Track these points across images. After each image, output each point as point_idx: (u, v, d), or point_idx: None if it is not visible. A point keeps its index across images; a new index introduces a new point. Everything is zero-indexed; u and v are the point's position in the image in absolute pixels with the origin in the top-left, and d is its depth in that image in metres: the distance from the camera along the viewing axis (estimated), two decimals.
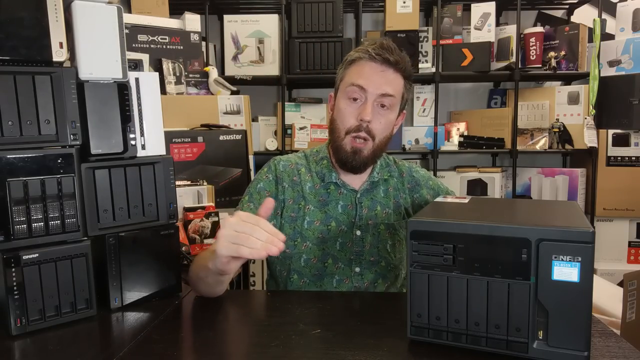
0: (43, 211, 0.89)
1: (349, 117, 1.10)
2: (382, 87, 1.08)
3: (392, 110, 1.11)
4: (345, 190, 1.16)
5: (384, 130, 1.12)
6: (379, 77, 1.08)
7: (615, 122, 2.63)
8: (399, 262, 1.18)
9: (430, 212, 0.85)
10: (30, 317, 0.88)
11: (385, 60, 1.08)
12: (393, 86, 1.10)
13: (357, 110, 1.09)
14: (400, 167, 1.25)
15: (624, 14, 2.62)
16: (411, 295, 0.78)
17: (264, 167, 1.20)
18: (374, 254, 1.13)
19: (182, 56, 2.43)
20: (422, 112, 2.99)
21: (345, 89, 1.11)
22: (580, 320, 0.68)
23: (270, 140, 2.83)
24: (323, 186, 1.16)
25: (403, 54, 1.13)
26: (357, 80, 1.09)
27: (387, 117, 1.11)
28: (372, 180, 1.17)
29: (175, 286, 1.07)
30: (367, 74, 1.09)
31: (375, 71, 1.09)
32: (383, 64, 1.09)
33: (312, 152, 1.24)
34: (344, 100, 1.11)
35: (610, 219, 2.70)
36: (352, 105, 1.10)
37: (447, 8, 2.79)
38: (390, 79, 1.09)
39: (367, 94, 1.08)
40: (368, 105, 1.08)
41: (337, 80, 1.18)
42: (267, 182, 1.16)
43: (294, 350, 0.80)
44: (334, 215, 1.14)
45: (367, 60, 1.09)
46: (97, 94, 0.94)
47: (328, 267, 1.12)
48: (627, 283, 1.40)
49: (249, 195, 1.16)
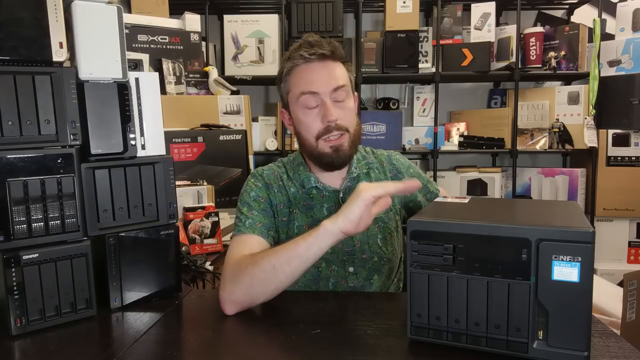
0: (43, 211, 0.89)
1: (313, 125, 1.08)
2: (331, 82, 1.06)
3: (349, 99, 1.10)
4: (327, 192, 1.14)
5: (352, 119, 1.10)
6: (324, 74, 1.06)
7: (615, 122, 2.63)
8: (392, 254, 1.17)
9: (430, 212, 0.85)
10: (30, 317, 0.88)
11: (321, 56, 1.06)
12: (339, 76, 1.08)
13: (318, 115, 1.07)
14: (379, 156, 1.23)
15: (624, 14, 2.62)
16: (411, 295, 0.78)
17: (249, 179, 1.17)
18: (365, 250, 1.13)
19: (182, 56, 2.43)
20: (422, 112, 2.99)
21: (297, 101, 1.08)
22: (580, 320, 0.68)
23: (270, 140, 2.83)
24: (305, 192, 1.15)
25: (332, 41, 1.09)
26: (306, 87, 1.06)
27: (347, 106, 1.09)
28: (352, 177, 1.16)
29: (175, 286, 1.07)
30: (311, 76, 1.06)
31: (317, 70, 1.06)
32: (320, 60, 1.06)
33: (288, 160, 1.22)
34: (300, 112, 1.09)
35: (610, 219, 2.70)
36: (312, 112, 1.07)
37: (447, 8, 2.79)
38: (333, 70, 1.07)
39: (321, 95, 1.06)
40: (327, 105, 1.05)
41: (282, 96, 1.15)
42: (258, 189, 1.14)
43: (294, 350, 0.80)
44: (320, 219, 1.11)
45: (304, 64, 1.07)
46: (97, 94, 0.94)
47: (322, 271, 1.12)
48: (627, 283, 1.40)
49: (246, 206, 1.12)
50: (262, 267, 0.93)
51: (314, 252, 0.90)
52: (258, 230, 1.07)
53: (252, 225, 1.08)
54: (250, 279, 0.93)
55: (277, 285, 0.93)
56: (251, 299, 0.94)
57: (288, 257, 0.91)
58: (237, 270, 0.95)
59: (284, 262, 0.91)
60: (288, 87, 1.11)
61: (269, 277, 0.92)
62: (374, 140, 2.80)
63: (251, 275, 0.93)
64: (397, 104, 2.96)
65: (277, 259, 0.92)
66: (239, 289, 0.94)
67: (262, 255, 0.95)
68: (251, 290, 0.93)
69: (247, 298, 0.94)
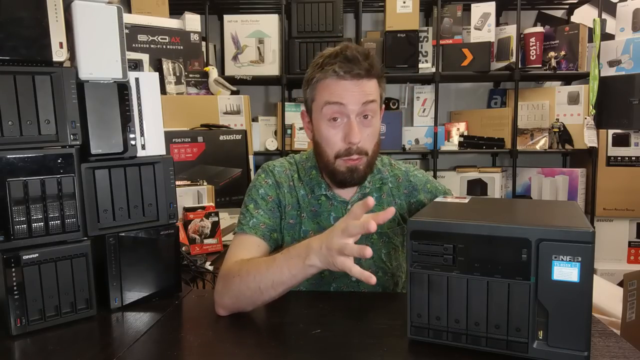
0: (43, 211, 0.89)
1: (334, 142, 1.03)
2: (360, 98, 1.01)
3: (376, 116, 1.06)
4: (336, 202, 1.12)
5: (373, 140, 1.07)
6: (355, 92, 1.01)
7: (615, 122, 2.63)
8: (397, 269, 1.15)
9: (430, 212, 0.85)
10: (30, 317, 0.88)
11: (357, 75, 1.00)
12: (370, 93, 1.03)
13: (341, 132, 1.02)
14: (396, 170, 1.20)
15: (624, 14, 2.62)
16: (411, 295, 0.78)
17: (260, 173, 1.15)
18: (370, 265, 1.11)
19: (182, 56, 2.43)
20: (422, 112, 2.99)
21: (321, 110, 1.03)
22: (580, 320, 0.68)
23: (270, 140, 2.83)
24: (314, 197, 1.13)
25: (370, 55, 1.03)
26: (333, 98, 1.01)
27: (373, 125, 1.05)
28: (364, 191, 1.13)
29: (175, 286, 1.07)
30: (341, 92, 1.01)
31: (349, 88, 1.01)
32: (353, 79, 1.00)
33: (301, 158, 1.19)
34: (324, 123, 1.04)
35: (610, 219, 2.70)
36: (336, 127, 1.03)
37: (447, 8, 2.79)
38: (366, 88, 1.02)
39: (348, 110, 1.01)
40: (353, 124, 1.01)
41: (307, 100, 1.09)
42: (267, 187, 1.12)
43: (294, 350, 0.80)
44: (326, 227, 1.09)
45: (337, 79, 1.01)
46: (97, 94, 0.94)
47: (325, 277, 1.11)
48: (627, 283, 1.40)
49: (253, 203, 1.10)
50: (248, 284, 0.91)
51: (298, 281, 0.89)
52: (260, 232, 1.06)
53: (256, 225, 1.06)
54: (237, 292, 0.93)
55: (264, 301, 0.93)
56: (239, 308, 0.94)
57: (273, 282, 0.89)
58: (227, 278, 0.95)
59: (269, 286, 0.90)
60: (314, 95, 1.06)
61: (255, 296, 0.91)
62: None
63: (238, 289, 0.92)
64: (397, 104, 2.96)
65: (263, 280, 0.90)
66: (227, 297, 0.94)
67: (248, 270, 0.93)
68: (238, 301, 0.93)
69: (235, 306, 0.94)
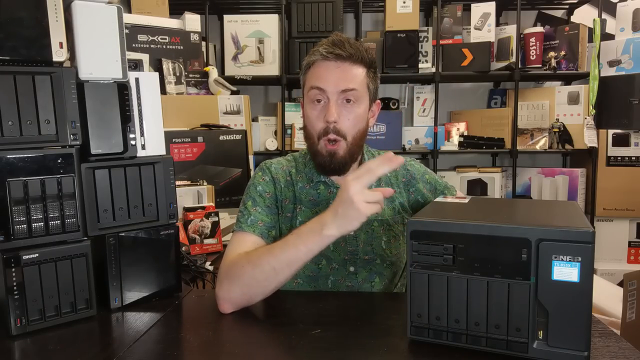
0: (43, 211, 0.89)
1: (315, 121, 1.09)
2: (340, 83, 1.06)
3: (359, 104, 1.09)
4: (335, 189, 1.15)
5: (354, 126, 1.10)
6: (336, 74, 1.06)
7: (615, 122, 2.63)
8: (396, 258, 1.16)
9: (430, 212, 0.85)
10: (30, 317, 0.88)
11: (338, 56, 1.06)
12: (353, 79, 1.07)
13: (322, 113, 1.08)
14: None
15: (624, 14, 2.62)
16: (411, 295, 0.78)
17: (257, 172, 1.18)
18: (368, 252, 1.13)
19: (182, 56, 2.43)
20: (422, 112, 2.99)
21: (307, 94, 1.11)
22: (580, 320, 0.68)
23: (270, 140, 2.83)
24: (313, 186, 1.15)
25: (358, 44, 1.09)
26: (316, 82, 1.08)
27: (354, 111, 1.09)
28: None
29: (175, 286, 1.07)
30: (323, 74, 1.07)
31: (331, 69, 1.07)
32: (337, 60, 1.07)
33: (300, 154, 1.23)
34: (309, 105, 1.11)
35: (610, 219, 2.70)
36: (317, 108, 1.09)
37: (447, 8, 2.79)
38: (348, 73, 1.07)
39: (328, 93, 1.07)
40: (331, 105, 1.06)
41: (301, 88, 1.16)
42: (265, 184, 1.14)
43: (293, 350, 0.80)
44: None
45: (322, 61, 1.08)
46: (97, 94, 0.94)
47: (322, 268, 1.12)
48: (627, 283, 1.40)
49: (251, 200, 1.12)
50: (261, 268, 0.93)
51: (314, 254, 0.91)
52: (259, 230, 1.07)
53: (254, 223, 1.08)
54: (249, 280, 0.93)
55: (277, 285, 0.94)
56: (249, 298, 0.95)
57: (289, 261, 0.91)
58: (234, 270, 0.96)
59: (284, 266, 0.91)
60: (305, 78, 1.13)
61: (269, 279, 0.92)
62: (374, 140, 2.79)
63: (250, 276, 0.93)
64: (397, 104, 2.96)
65: (277, 261, 0.92)
66: (236, 288, 0.94)
67: (259, 255, 0.95)
68: (249, 290, 0.94)
69: (244, 297, 0.95)
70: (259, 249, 0.99)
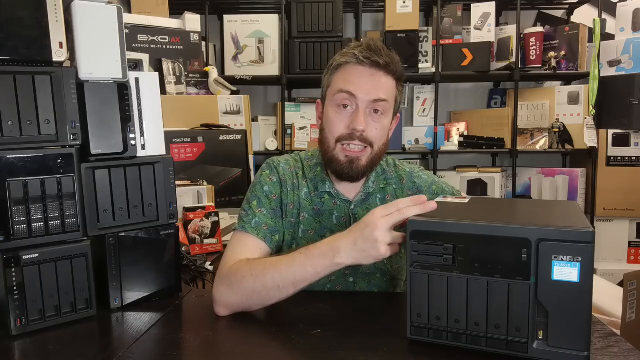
0: (43, 211, 0.89)
1: (338, 125, 1.03)
2: (373, 92, 1.01)
3: (386, 115, 1.05)
4: (339, 201, 1.11)
5: (381, 137, 1.05)
6: (369, 82, 1.01)
7: (615, 122, 2.63)
8: (397, 272, 1.14)
9: (430, 212, 0.85)
10: (30, 317, 0.88)
11: (375, 64, 1.01)
12: (385, 90, 1.02)
13: (348, 118, 1.02)
14: (401, 172, 1.18)
15: (624, 14, 2.62)
16: (411, 295, 0.78)
17: (265, 169, 1.13)
18: (370, 266, 1.09)
19: (182, 56, 2.43)
20: (422, 112, 2.99)
21: (333, 97, 1.04)
22: (580, 320, 0.68)
23: (270, 140, 2.83)
24: (317, 195, 1.11)
25: (392, 54, 1.04)
26: (346, 87, 1.01)
27: (381, 122, 1.04)
28: (367, 191, 1.12)
29: (175, 286, 1.07)
30: (355, 79, 1.01)
31: (364, 76, 1.01)
32: (372, 67, 1.01)
33: (307, 156, 1.18)
34: (333, 108, 1.04)
35: (610, 219, 2.70)
36: (342, 113, 1.03)
37: (447, 8, 2.79)
38: (381, 82, 1.02)
39: (358, 100, 1.01)
40: (360, 113, 1.01)
41: (323, 87, 1.10)
42: (272, 185, 1.10)
43: (294, 350, 0.80)
44: (328, 226, 1.10)
45: (355, 65, 1.02)
46: (97, 94, 0.94)
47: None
48: (627, 283, 1.40)
49: (257, 200, 1.08)
50: (264, 283, 0.90)
51: (321, 277, 0.89)
52: (262, 234, 1.04)
53: (258, 226, 1.04)
54: (249, 292, 0.91)
55: (278, 300, 0.92)
56: (247, 307, 0.94)
57: (295, 280, 0.89)
58: (234, 278, 0.93)
59: (289, 284, 0.89)
60: (331, 80, 1.07)
61: (271, 294, 0.91)
62: None
63: (251, 288, 0.91)
64: None
65: (282, 278, 0.89)
66: (235, 296, 0.93)
67: (263, 268, 0.92)
68: (249, 301, 0.92)
69: (242, 306, 0.93)
70: (263, 260, 0.96)
